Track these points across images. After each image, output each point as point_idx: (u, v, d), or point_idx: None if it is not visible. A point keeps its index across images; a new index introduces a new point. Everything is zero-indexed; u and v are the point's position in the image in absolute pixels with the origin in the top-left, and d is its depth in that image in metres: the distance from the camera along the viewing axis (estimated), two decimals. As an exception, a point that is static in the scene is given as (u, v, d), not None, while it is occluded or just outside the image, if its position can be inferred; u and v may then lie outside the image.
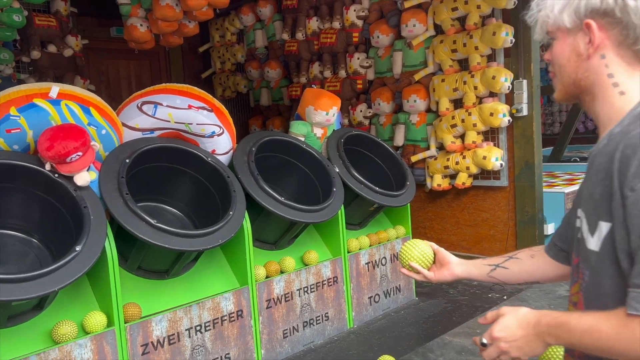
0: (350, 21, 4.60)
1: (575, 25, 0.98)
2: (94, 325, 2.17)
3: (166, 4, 4.29)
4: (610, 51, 0.97)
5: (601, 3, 0.94)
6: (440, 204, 4.42)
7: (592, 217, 0.96)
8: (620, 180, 0.88)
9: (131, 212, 2.23)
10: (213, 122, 2.66)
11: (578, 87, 1.02)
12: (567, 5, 0.98)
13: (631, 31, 0.94)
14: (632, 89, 0.96)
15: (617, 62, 0.97)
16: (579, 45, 0.99)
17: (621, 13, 0.93)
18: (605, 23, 0.95)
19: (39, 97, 2.11)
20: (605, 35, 0.96)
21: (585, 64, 0.99)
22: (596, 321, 0.89)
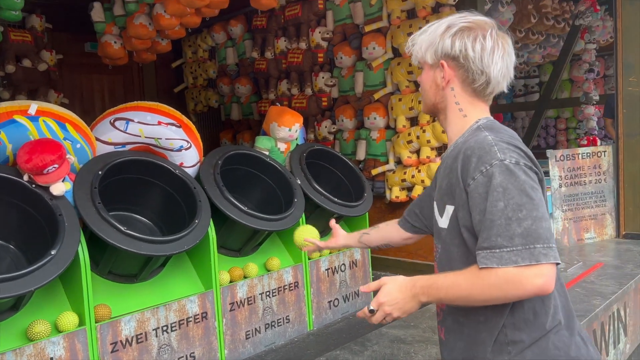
0: (316, 42, 4.88)
1: (435, 63, 1.31)
2: (67, 324, 2.34)
3: (140, 22, 4.49)
4: (457, 86, 1.30)
5: (451, 49, 1.27)
6: (399, 214, 4.63)
7: (441, 202, 1.30)
8: (463, 174, 1.20)
9: (103, 220, 2.42)
10: (181, 137, 2.88)
11: (436, 107, 1.37)
12: (430, 46, 1.30)
13: (470, 73, 1.27)
14: (471, 114, 1.31)
15: (462, 94, 1.31)
16: (437, 77, 1.32)
17: (464, 60, 1.26)
18: (454, 65, 1.28)
19: (19, 113, 2.30)
20: (454, 74, 1.29)
21: (441, 93, 1.33)
22: (456, 278, 1.19)
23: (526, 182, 1.14)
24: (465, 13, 1.33)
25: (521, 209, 1.12)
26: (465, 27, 1.27)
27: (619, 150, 3.67)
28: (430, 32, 1.32)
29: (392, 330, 2.19)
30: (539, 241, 1.10)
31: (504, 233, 1.11)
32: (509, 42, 1.30)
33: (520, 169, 1.15)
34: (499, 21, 5.56)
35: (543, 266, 1.10)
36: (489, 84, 1.28)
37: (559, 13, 6.31)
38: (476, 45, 1.25)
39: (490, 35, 1.26)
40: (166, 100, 5.57)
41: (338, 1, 4.68)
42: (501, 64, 1.27)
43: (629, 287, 2.72)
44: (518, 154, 1.18)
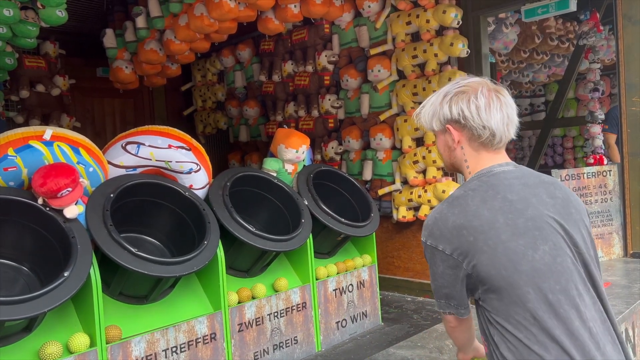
0: (322, 65, 4.97)
1: (442, 129, 1.48)
2: (78, 345, 2.37)
3: (150, 48, 4.62)
4: (465, 143, 1.45)
5: (451, 114, 1.43)
6: (406, 234, 4.71)
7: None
8: None
9: (114, 242, 2.47)
10: (191, 160, 2.94)
11: (453, 166, 1.53)
12: (434, 116, 1.48)
13: (474, 131, 1.41)
14: (475, 167, 1.46)
15: (469, 151, 1.45)
16: (448, 140, 1.48)
17: (464, 120, 1.41)
18: (458, 126, 1.44)
19: (34, 139, 2.37)
20: (460, 134, 1.44)
21: (454, 153, 1.49)
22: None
23: (430, 259, 1.43)
24: (458, 79, 1.48)
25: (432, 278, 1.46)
26: (459, 91, 1.42)
27: (624, 170, 3.68)
28: (431, 104, 1.48)
29: (399, 350, 2.20)
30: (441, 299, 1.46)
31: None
32: (504, 93, 1.43)
33: (427, 248, 1.44)
34: (503, 42, 5.64)
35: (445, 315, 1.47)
36: (494, 136, 1.41)
37: (563, 33, 6.39)
38: (471, 105, 1.39)
39: (482, 93, 1.39)
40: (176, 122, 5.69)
41: (344, 25, 4.79)
42: (500, 115, 1.40)
43: (636, 307, 2.72)
44: (428, 232, 1.43)
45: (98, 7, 5.16)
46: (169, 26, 4.32)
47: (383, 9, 4.48)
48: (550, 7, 3.96)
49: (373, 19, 4.55)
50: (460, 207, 1.37)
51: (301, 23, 5.03)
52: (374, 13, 4.51)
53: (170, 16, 4.23)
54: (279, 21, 4.19)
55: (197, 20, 3.89)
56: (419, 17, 4.13)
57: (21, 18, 3.55)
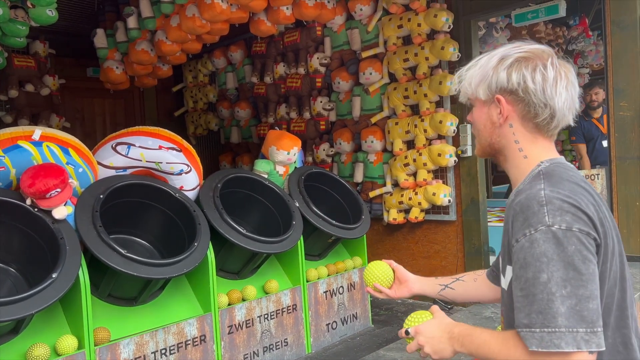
0: (314, 68, 4.97)
1: (489, 99, 1.20)
2: (66, 347, 2.35)
3: (141, 49, 4.60)
4: (516, 122, 1.18)
5: (508, 83, 1.15)
6: (396, 236, 4.73)
7: (504, 260, 1.19)
8: (512, 232, 1.09)
9: (104, 243, 2.45)
10: (181, 161, 2.93)
11: (493, 148, 1.24)
12: (482, 81, 1.19)
13: (532, 107, 1.15)
14: (533, 154, 1.19)
15: (522, 131, 1.18)
16: (493, 114, 1.20)
17: (523, 93, 1.14)
18: (512, 99, 1.16)
19: (23, 139, 2.35)
20: (512, 109, 1.17)
21: (498, 131, 1.21)
22: (490, 338, 1.11)
23: (575, 253, 1.00)
24: (519, 42, 1.20)
25: (566, 285, 0.99)
26: (522, 57, 1.16)
27: (612, 174, 3.72)
28: (480, 66, 1.21)
29: (389, 352, 2.21)
30: (582, 324, 0.98)
31: (546, 311, 0.99)
32: (571, 71, 1.20)
33: (571, 237, 1.01)
34: (493, 46, 5.68)
35: (580, 354, 0.97)
36: (553, 118, 1.16)
37: (553, 38, 6.44)
38: (536, 76, 1.14)
39: (552, 65, 1.15)
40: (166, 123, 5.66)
41: (336, 28, 4.80)
42: (566, 94, 1.15)
43: (623, 309, 2.74)
44: (572, 217, 1.03)
45: (89, 7, 5.13)
46: (160, 27, 4.30)
47: (375, 12, 4.49)
48: (540, 12, 3.99)
49: (365, 22, 4.56)
50: (585, 195, 1.08)
51: (293, 25, 5.03)
52: (366, 16, 4.52)
53: (161, 17, 4.21)
54: (271, 23, 4.19)
55: (189, 21, 3.88)
56: (410, 21, 4.15)
57: (11, 17, 3.52)
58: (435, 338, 1.20)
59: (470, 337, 1.15)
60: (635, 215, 3.64)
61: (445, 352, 1.19)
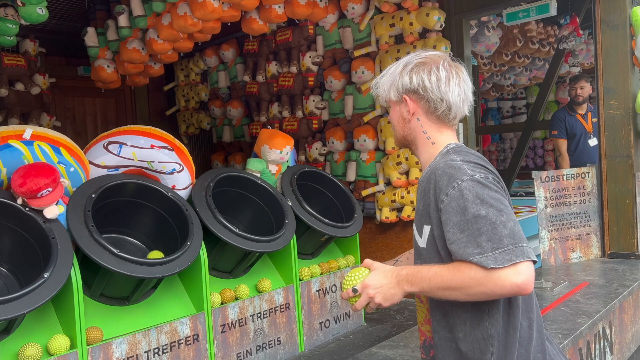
0: (306, 66, 4.98)
1: (398, 99, 1.45)
2: (58, 347, 2.34)
3: (133, 47, 4.58)
4: (422, 116, 1.42)
5: (410, 84, 1.40)
6: (389, 235, 4.74)
7: (419, 223, 1.39)
8: (436, 192, 1.29)
9: (96, 243, 2.44)
10: (174, 160, 2.92)
11: (406, 139, 1.48)
12: (392, 85, 1.44)
13: (431, 103, 1.40)
14: (440, 140, 1.43)
15: (428, 123, 1.43)
16: (403, 112, 1.45)
17: (423, 91, 1.39)
18: (415, 97, 1.42)
19: (14, 138, 2.33)
20: (417, 105, 1.42)
21: (408, 125, 1.45)
22: (439, 269, 1.26)
23: (497, 192, 1.25)
24: (419, 51, 1.46)
25: (502, 213, 1.21)
26: (420, 62, 1.40)
27: (602, 172, 3.76)
28: (390, 73, 1.45)
29: (381, 350, 2.22)
30: (522, 240, 1.19)
31: (493, 236, 1.18)
32: (463, 70, 1.42)
33: (489, 183, 1.26)
34: (485, 45, 5.72)
35: (522, 264, 1.17)
36: (450, 110, 1.40)
37: (544, 37, 6.49)
38: (431, 76, 1.37)
39: (443, 66, 1.38)
40: (158, 122, 5.64)
41: (328, 26, 4.80)
42: (458, 90, 1.39)
43: (613, 306, 2.77)
44: (486, 171, 1.29)
45: (79, 5, 5.10)
46: (151, 25, 4.28)
47: (367, 10, 4.50)
48: (531, 11, 4.02)
49: (357, 21, 4.57)
50: (488, 164, 1.35)
51: (285, 24, 5.03)
52: (358, 15, 4.53)
53: (153, 15, 4.19)
54: (263, 22, 4.19)
55: (181, 19, 3.86)
56: (402, 20, 4.17)
57: (0, 15, 3.49)
58: (385, 286, 1.31)
59: (419, 273, 1.28)
60: (625, 214, 3.68)
61: (396, 296, 1.32)
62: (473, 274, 1.19)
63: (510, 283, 1.16)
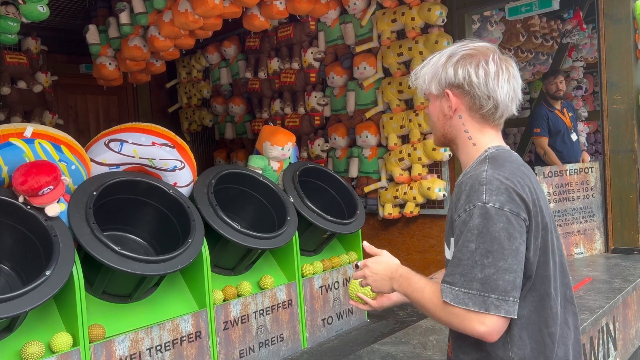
0: (308, 63, 4.96)
1: (440, 93, 1.33)
2: (60, 345, 2.35)
3: (134, 44, 4.57)
4: (465, 113, 1.31)
5: (454, 78, 1.28)
6: (392, 231, 4.73)
7: (447, 234, 1.33)
8: (456, 207, 1.23)
9: (97, 240, 2.44)
10: (175, 158, 2.92)
11: (446, 137, 1.37)
12: (433, 77, 1.33)
13: (477, 99, 1.28)
14: (481, 142, 1.32)
15: (470, 122, 1.32)
16: (444, 107, 1.33)
17: (468, 87, 1.28)
18: (459, 93, 1.30)
19: (15, 136, 2.33)
20: (460, 101, 1.30)
21: (449, 122, 1.34)
22: (425, 285, 1.25)
23: (503, 229, 1.13)
24: (465, 41, 1.34)
25: (488, 255, 1.13)
26: (467, 54, 1.28)
27: (605, 167, 3.74)
28: (432, 64, 1.33)
29: (383, 347, 2.22)
30: (495, 292, 1.12)
31: (467, 274, 1.14)
32: (513, 65, 1.31)
33: (502, 215, 1.14)
34: (488, 40, 5.69)
35: (489, 317, 1.12)
36: (497, 108, 1.28)
37: (547, 31, 6.45)
38: (479, 70, 1.25)
39: (493, 60, 1.27)
40: (160, 120, 5.64)
41: (329, 22, 4.78)
42: (507, 87, 1.27)
43: (617, 302, 2.76)
44: (507, 197, 1.16)
45: (80, 3, 5.10)
46: (153, 22, 4.28)
47: (368, 6, 4.48)
48: (533, 6, 3.99)
49: (359, 17, 4.55)
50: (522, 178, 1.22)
51: (287, 20, 5.01)
52: (360, 10, 4.51)
53: (154, 12, 4.18)
54: (264, 18, 4.17)
55: (182, 16, 3.86)
56: (404, 15, 4.15)
57: (1, 13, 3.49)
58: (379, 275, 1.35)
59: (409, 280, 1.29)
60: (628, 208, 3.66)
61: (384, 288, 1.36)
62: (437, 301, 1.19)
63: (471, 328, 1.14)
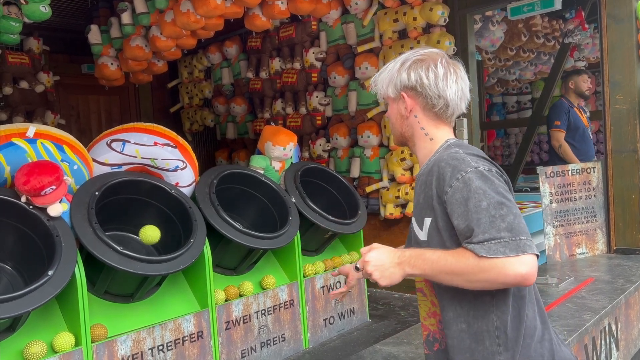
0: (310, 62, 4.96)
1: (396, 96, 1.45)
2: (63, 345, 2.35)
3: (136, 44, 4.57)
4: (420, 112, 1.43)
5: (408, 81, 1.41)
6: (393, 231, 4.73)
7: (419, 217, 1.39)
8: (439, 184, 1.29)
9: (99, 240, 2.44)
10: (177, 158, 2.92)
11: (404, 136, 1.49)
12: (390, 82, 1.45)
13: (429, 99, 1.41)
14: (437, 136, 1.43)
15: (425, 120, 1.43)
16: (401, 108, 1.45)
17: (421, 88, 1.40)
18: (413, 94, 1.42)
19: (17, 136, 2.34)
20: (415, 102, 1.42)
21: (406, 122, 1.46)
22: (444, 254, 1.26)
23: (500, 185, 1.26)
24: (417, 48, 1.47)
25: (502, 207, 1.22)
26: (418, 59, 1.41)
27: (607, 167, 3.73)
28: (388, 70, 1.46)
29: (385, 347, 2.21)
30: (523, 234, 1.20)
31: (491, 229, 1.20)
32: (460, 67, 1.44)
33: (493, 175, 1.27)
34: (490, 40, 5.68)
35: (527, 256, 1.18)
36: (448, 106, 1.41)
37: (549, 31, 6.44)
38: (429, 73, 1.38)
39: (441, 63, 1.39)
40: (162, 119, 5.65)
41: (331, 22, 4.78)
42: (456, 87, 1.40)
43: (619, 302, 2.76)
44: (489, 163, 1.31)
45: (82, 3, 5.10)
46: (154, 22, 4.28)
47: (370, 6, 4.48)
48: (535, 5, 3.99)
49: (360, 16, 4.55)
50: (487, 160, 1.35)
51: (288, 20, 5.01)
52: (361, 10, 4.51)
53: (156, 12, 4.19)
54: (266, 18, 4.17)
55: (183, 16, 3.86)
56: (406, 15, 4.14)
57: (4, 14, 3.50)
58: (385, 264, 1.30)
59: (423, 256, 1.28)
60: (630, 208, 3.65)
61: (395, 275, 1.30)
62: (473, 261, 1.21)
63: (513, 273, 1.18)
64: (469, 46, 4.14)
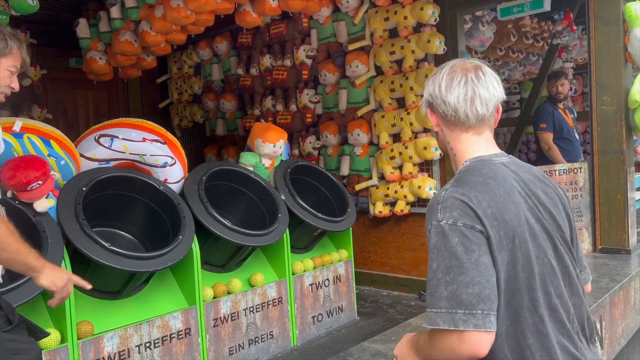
0: (300, 60, 4.95)
1: (426, 114, 1.42)
2: (48, 341, 2.32)
3: (125, 39, 4.53)
4: (444, 127, 1.38)
5: (428, 96, 1.38)
6: (382, 229, 4.74)
7: None
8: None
9: (86, 236, 2.42)
10: (166, 154, 2.90)
11: (444, 152, 1.44)
12: (423, 102, 1.43)
13: (440, 109, 1.34)
14: (460, 151, 1.36)
15: (448, 133, 1.37)
16: (434, 125, 1.40)
17: (433, 100, 1.35)
18: (432, 110, 1.38)
19: (3, 130, 2.30)
20: (435, 117, 1.38)
21: (439, 137, 1.42)
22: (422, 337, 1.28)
23: (459, 244, 1.14)
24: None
25: (449, 272, 1.13)
26: (436, 72, 1.38)
27: (594, 167, 3.77)
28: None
29: (373, 344, 2.23)
30: (461, 307, 1.11)
31: (433, 294, 1.15)
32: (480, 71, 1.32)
33: (455, 230, 1.15)
34: (479, 40, 5.71)
35: (466, 333, 1.11)
36: (457, 112, 1.30)
37: (538, 32, 6.49)
38: (435, 82, 1.34)
39: (452, 69, 1.32)
40: (151, 115, 5.60)
41: (322, 20, 4.78)
42: (459, 89, 1.29)
43: (604, 301, 2.79)
44: (460, 212, 1.16)
45: (71, -4, 5.05)
46: (144, 17, 4.24)
47: (361, 4, 4.48)
48: (525, 7, 4.02)
49: (351, 14, 4.55)
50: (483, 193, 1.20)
51: (279, 17, 4.99)
52: (353, 8, 4.51)
53: (145, 7, 4.15)
54: (256, 14, 4.15)
55: (174, 11, 3.83)
56: (397, 14, 4.15)
57: (-10, 6, 3.45)
58: (406, 354, 1.34)
59: (417, 342, 1.31)
60: (616, 209, 3.70)
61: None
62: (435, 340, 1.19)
63: (450, 349, 1.14)
64: (459, 46, 4.16)
